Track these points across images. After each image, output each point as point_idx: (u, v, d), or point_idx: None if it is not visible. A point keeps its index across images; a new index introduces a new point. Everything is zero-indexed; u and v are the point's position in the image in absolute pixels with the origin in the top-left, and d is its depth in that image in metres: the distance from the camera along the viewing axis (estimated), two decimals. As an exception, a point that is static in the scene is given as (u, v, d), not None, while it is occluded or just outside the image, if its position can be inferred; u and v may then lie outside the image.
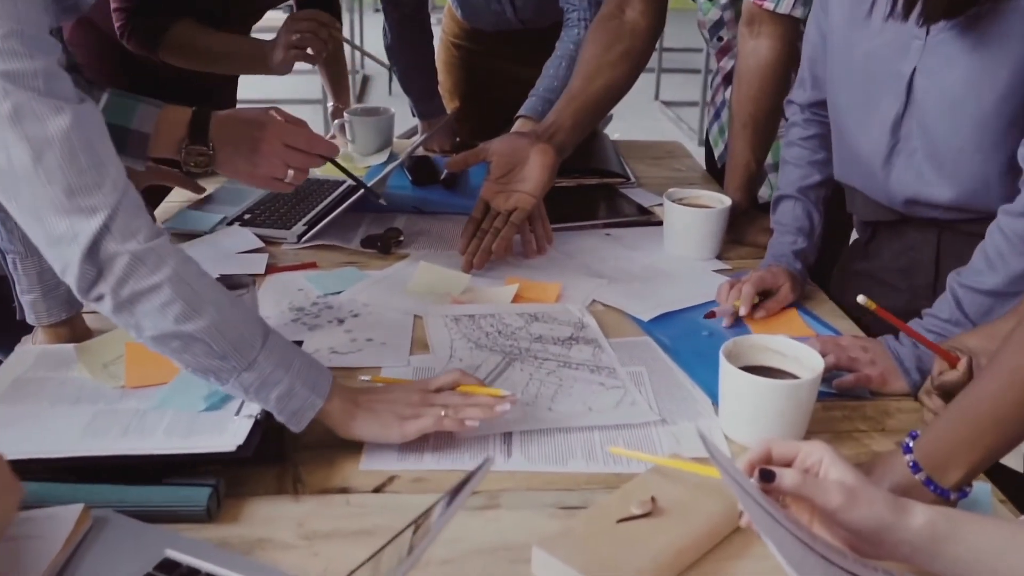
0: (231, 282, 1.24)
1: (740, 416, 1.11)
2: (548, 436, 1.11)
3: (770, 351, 1.16)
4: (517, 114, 1.72)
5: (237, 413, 1.03)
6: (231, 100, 2.21)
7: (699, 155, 2.41)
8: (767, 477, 0.81)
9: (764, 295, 1.42)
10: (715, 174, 2.05)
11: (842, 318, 1.45)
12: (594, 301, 1.47)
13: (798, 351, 1.14)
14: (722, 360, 1.11)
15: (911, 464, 0.95)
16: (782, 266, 1.45)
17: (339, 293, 1.47)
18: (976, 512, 0.92)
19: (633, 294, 1.48)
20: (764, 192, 1.83)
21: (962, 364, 1.10)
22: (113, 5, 1.85)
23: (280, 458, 1.05)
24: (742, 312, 1.40)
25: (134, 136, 1.26)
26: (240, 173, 1.33)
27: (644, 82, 1.99)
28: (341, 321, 1.39)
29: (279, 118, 1.34)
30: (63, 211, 0.91)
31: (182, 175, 1.80)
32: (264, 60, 1.89)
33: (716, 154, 2.01)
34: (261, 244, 1.63)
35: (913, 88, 1.27)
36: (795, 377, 1.13)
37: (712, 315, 1.39)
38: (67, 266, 0.93)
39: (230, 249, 1.60)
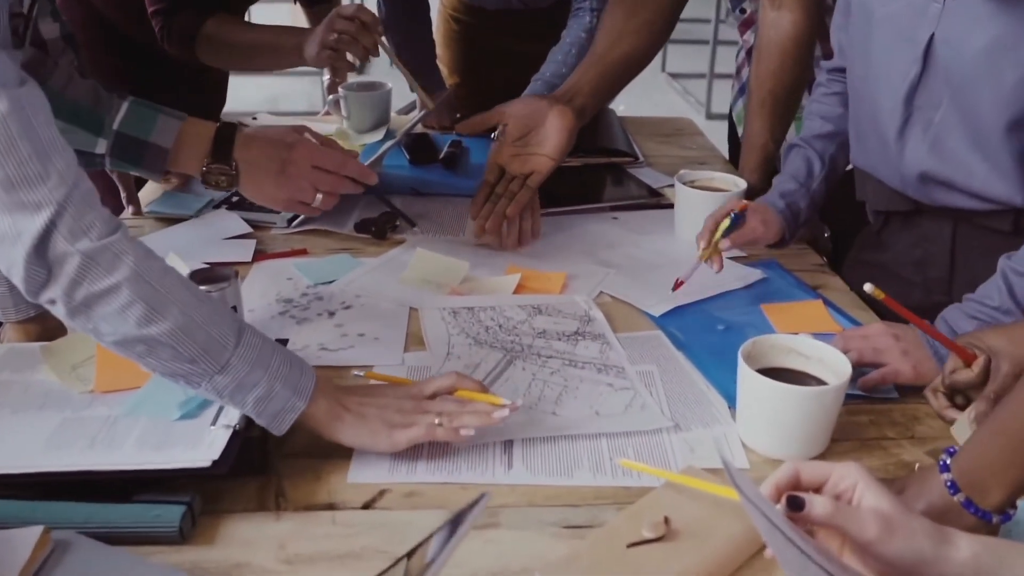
0: (212, 275, 1.16)
1: (760, 423, 1.03)
2: (552, 444, 1.03)
3: (793, 352, 1.07)
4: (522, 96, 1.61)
5: (214, 423, 0.95)
6: (223, 75, 2.11)
7: (708, 130, 2.31)
8: (796, 505, 0.72)
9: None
10: (737, 152, 1.96)
11: (863, 309, 1.36)
12: (601, 292, 1.38)
13: (823, 352, 1.06)
14: (741, 363, 1.02)
15: (949, 484, 0.87)
16: (766, 206, 1.39)
17: (330, 283, 1.39)
18: (1020, 537, 0.84)
19: (643, 285, 1.39)
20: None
21: (978, 364, 1.02)
22: (149, 8, 1.76)
23: (262, 469, 0.97)
24: (698, 251, 1.33)
25: (152, 149, 1.18)
26: (265, 195, 1.24)
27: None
28: (332, 314, 1.30)
29: (309, 138, 1.25)
30: (3, 207, 0.83)
31: None
32: (297, 49, 1.72)
33: (740, 132, 1.91)
34: (249, 229, 1.54)
35: (931, 56, 1.18)
36: (820, 382, 1.04)
37: (679, 285, 1.32)
38: (12, 266, 0.85)
39: (216, 235, 1.52)
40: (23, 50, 1.19)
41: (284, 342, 1.12)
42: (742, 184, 1.54)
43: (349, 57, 1.71)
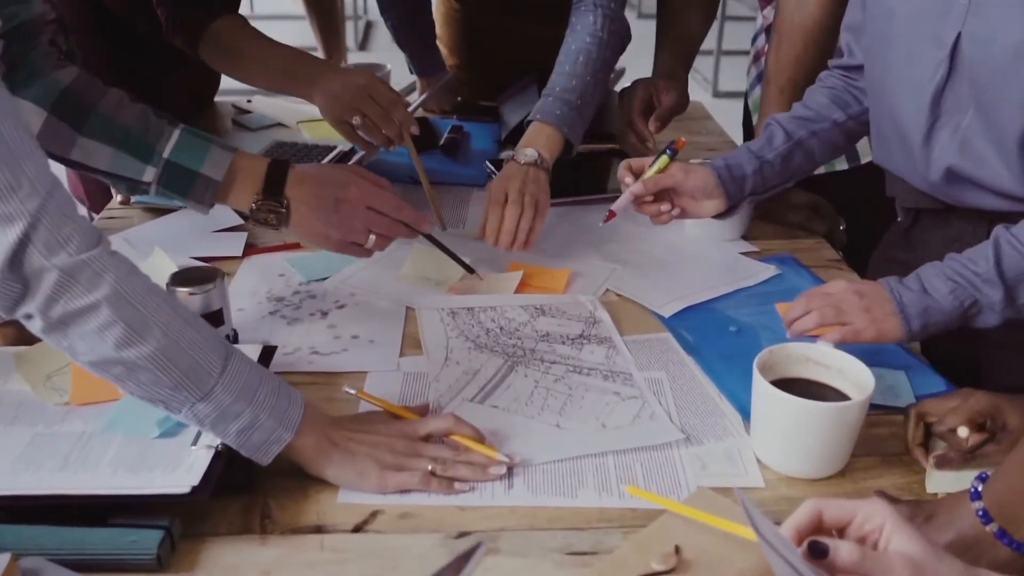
0: (196, 275, 1.10)
1: (776, 440, 0.97)
2: (555, 461, 0.97)
3: (811, 362, 1.01)
4: (529, 117, 1.45)
5: (195, 442, 0.89)
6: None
7: (715, 109, 2.23)
8: (819, 552, 0.67)
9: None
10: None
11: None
12: (607, 290, 1.32)
13: (844, 363, 1.00)
14: (756, 376, 0.96)
15: (980, 513, 0.81)
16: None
17: (324, 280, 1.33)
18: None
19: (651, 283, 1.33)
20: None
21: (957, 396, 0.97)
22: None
23: (247, 488, 0.92)
24: (633, 188, 1.28)
25: (202, 180, 1.12)
26: (316, 235, 1.17)
27: (652, 27, 1.82)
28: (324, 314, 1.24)
29: (363, 179, 1.19)
30: None
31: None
32: (310, 85, 1.50)
33: (755, 120, 1.83)
34: (240, 220, 1.48)
35: (958, 55, 1.10)
36: (840, 394, 0.98)
37: (612, 216, 1.31)
38: None
39: (206, 226, 1.45)
40: (67, 69, 1.14)
41: (272, 350, 1.06)
42: (755, 175, 1.47)
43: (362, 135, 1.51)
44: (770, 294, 1.30)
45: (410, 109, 1.65)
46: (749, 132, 1.92)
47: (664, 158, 1.29)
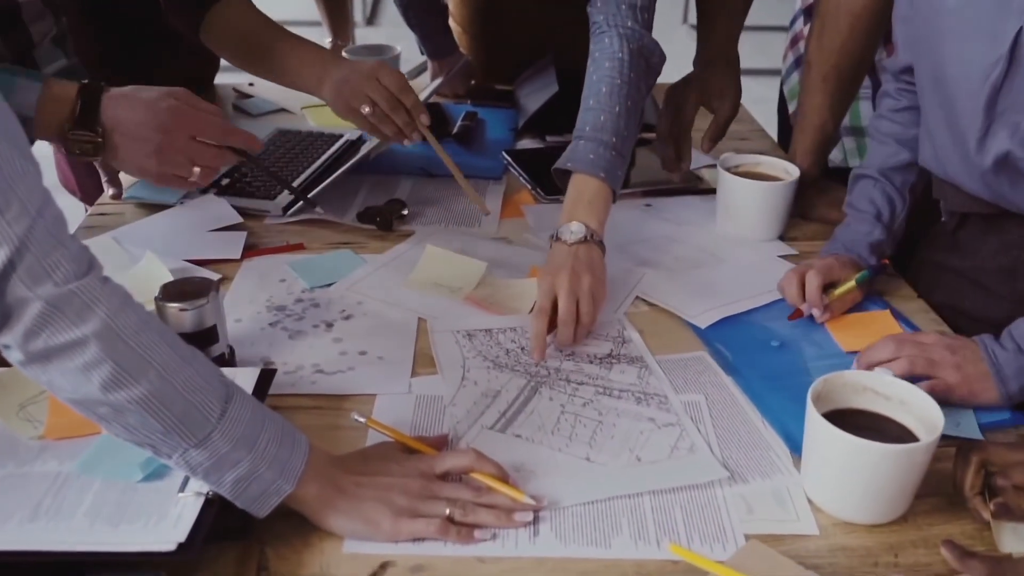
0: (188, 288, 1.00)
1: (831, 480, 0.87)
2: (586, 504, 0.87)
3: (869, 392, 0.91)
4: (558, 164, 1.23)
5: (182, 489, 0.79)
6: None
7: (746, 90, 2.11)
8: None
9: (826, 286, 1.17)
10: (788, 133, 1.77)
11: (936, 322, 1.19)
12: (637, 298, 1.22)
13: (905, 393, 0.89)
14: (810, 409, 0.86)
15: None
16: (852, 258, 1.19)
17: (329, 286, 1.22)
18: None
19: (683, 289, 1.23)
20: (835, 155, 1.56)
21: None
22: None
23: (242, 534, 0.82)
24: (815, 315, 1.15)
25: None
26: (134, 166, 1.09)
27: (670, 2, 1.69)
28: (330, 325, 1.14)
29: (187, 104, 1.10)
30: None
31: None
32: (318, 84, 1.40)
33: (791, 110, 1.72)
34: (239, 219, 1.37)
35: (1019, 52, 0.99)
36: (903, 428, 0.88)
37: (798, 315, 1.16)
38: None
39: (202, 225, 1.35)
40: None
41: (272, 373, 0.96)
42: (794, 172, 1.36)
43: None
44: (813, 304, 1.19)
45: (423, 95, 1.54)
46: (784, 119, 1.80)
47: (864, 276, 1.18)
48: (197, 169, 1.11)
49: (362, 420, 0.93)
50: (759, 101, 2.01)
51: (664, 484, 0.89)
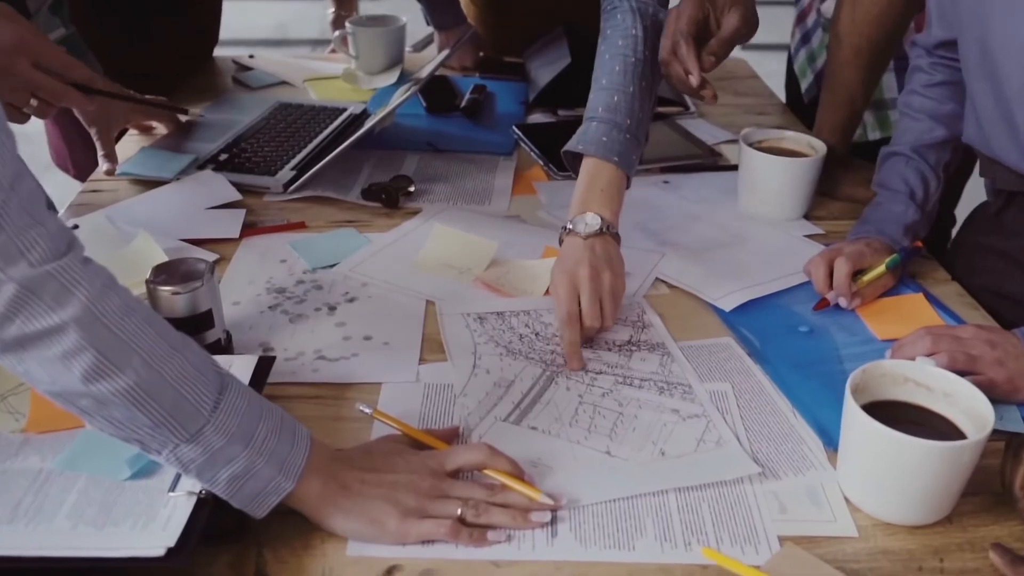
0: (182, 270, 0.93)
1: (870, 479, 0.80)
2: (607, 502, 0.81)
3: (910, 383, 0.85)
4: (567, 147, 1.15)
5: (173, 487, 0.73)
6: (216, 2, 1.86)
7: (755, 64, 2.04)
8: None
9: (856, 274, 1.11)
10: (797, 110, 1.70)
11: (972, 307, 1.13)
12: (657, 280, 1.15)
13: (950, 385, 0.83)
14: (849, 401, 0.80)
15: None
16: (884, 241, 1.13)
17: (332, 267, 1.16)
18: None
19: (705, 269, 1.16)
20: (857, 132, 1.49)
21: None
22: None
23: (237, 535, 0.76)
24: (842, 304, 1.08)
25: None
26: None
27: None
28: (332, 308, 1.08)
29: (27, 30, 1.02)
30: None
31: (167, 111, 1.48)
32: None
33: (803, 87, 1.65)
34: (238, 196, 1.31)
35: None
36: (948, 423, 0.82)
37: (824, 304, 1.09)
38: None
39: (199, 203, 1.29)
40: None
41: (271, 361, 0.90)
42: (820, 148, 1.29)
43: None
44: (842, 287, 1.13)
45: (429, 67, 1.47)
46: (794, 95, 1.73)
47: (896, 260, 1.11)
48: (35, 102, 1.03)
49: (367, 411, 0.88)
50: (768, 76, 1.93)
51: (691, 480, 0.83)
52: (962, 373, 0.88)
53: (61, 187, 1.36)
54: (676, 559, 0.76)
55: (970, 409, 0.81)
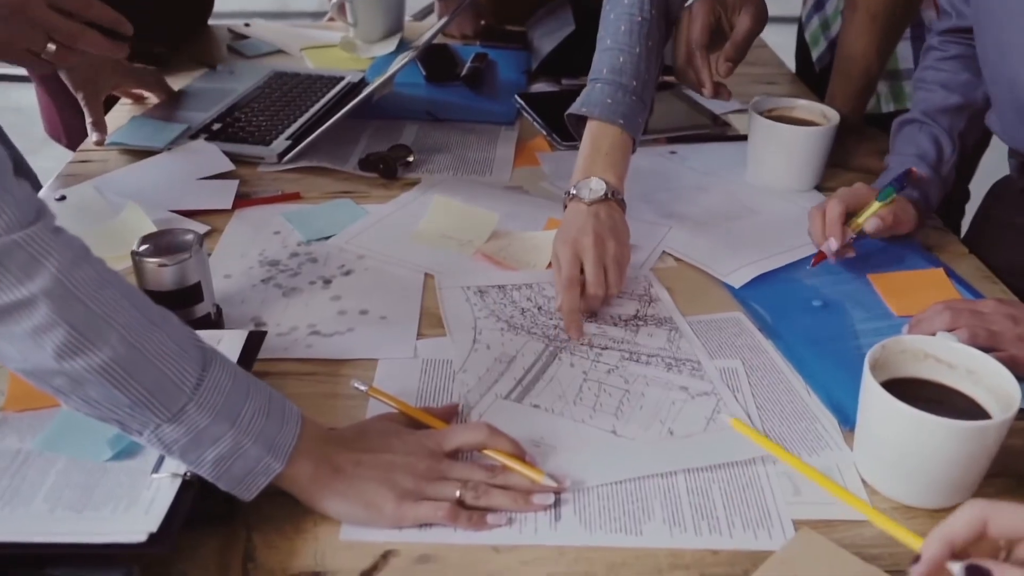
0: (170, 241, 0.89)
1: (889, 460, 0.77)
2: (613, 484, 0.77)
3: (932, 360, 0.81)
4: (571, 109, 1.09)
5: (156, 469, 0.69)
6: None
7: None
8: None
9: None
10: (808, 78, 1.65)
11: (991, 280, 1.09)
12: (664, 253, 1.11)
13: (973, 362, 0.79)
14: (867, 378, 0.76)
15: None
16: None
17: (327, 239, 1.12)
18: None
19: (713, 243, 1.12)
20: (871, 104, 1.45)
21: None
22: None
23: (226, 519, 0.72)
24: (831, 248, 1.03)
25: None
26: None
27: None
28: (327, 282, 1.04)
29: None
30: None
31: (158, 79, 1.43)
32: None
33: (815, 55, 1.60)
34: (231, 166, 1.27)
35: None
36: (968, 400, 0.78)
37: (821, 257, 1.04)
38: None
39: (190, 173, 1.25)
40: None
41: (261, 336, 0.86)
42: (833, 116, 1.25)
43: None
44: (860, 261, 1.07)
45: (428, 35, 1.43)
46: (805, 65, 1.68)
47: (889, 192, 1.05)
48: (52, 46, 0.97)
49: (363, 388, 0.84)
50: (775, 49, 1.88)
51: (700, 461, 0.80)
52: (983, 350, 0.84)
53: (59, 161, 1.32)
54: (686, 544, 0.72)
55: (995, 387, 0.77)
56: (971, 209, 1.34)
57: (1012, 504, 0.57)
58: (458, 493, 0.73)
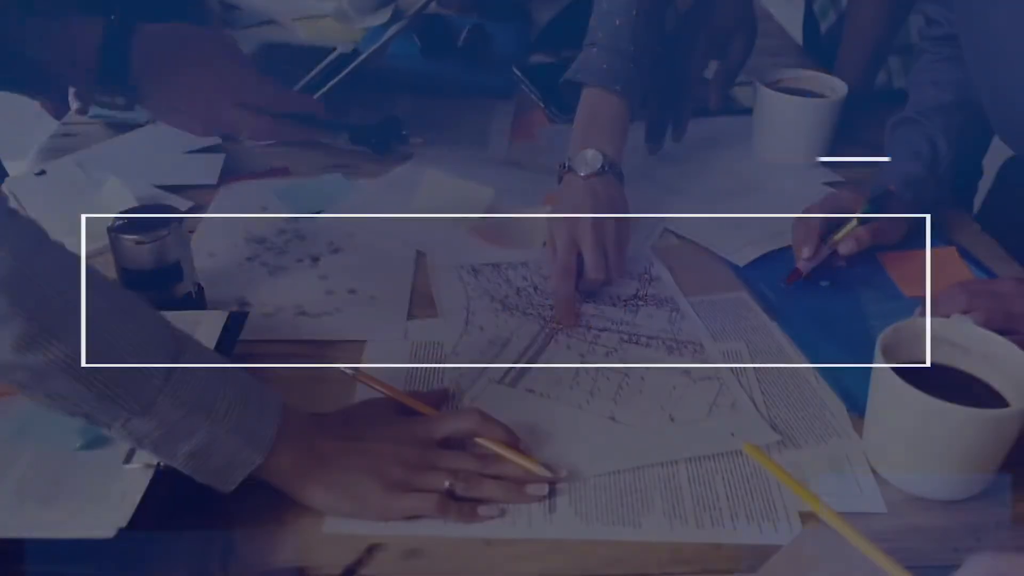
0: (148, 217, 0.85)
1: (901, 449, 0.73)
2: (611, 475, 0.74)
3: (946, 344, 0.77)
4: (567, 76, 1.07)
5: (128, 459, 0.66)
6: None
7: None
8: None
9: None
10: (815, 51, 1.60)
11: (1004, 260, 1.05)
12: (665, 231, 1.07)
13: (989, 346, 0.75)
14: (877, 361, 0.72)
15: None
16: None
17: (316, 215, 1.08)
18: None
19: (719, 221, 1.08)
20: (879, 76, 1.40)
21: None
22: None
23: (202, 512, 0.69)
24: (803, 256, 0.96)
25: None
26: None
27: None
28: (315, 260, 1.00)
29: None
30: None
31: None
32: None
33: (824, 27, 1.55)
34: (218, 139, 1.23)
35: None
36: (984, 385, 0.75)
37: (795, 277, 0.97)
38: None
39: (176, 147, 1.20)
40: None
41: (243, 317, 0.82)
42: (841, 88, 1.20)
43: None
44: (868, 239, 1.04)
45: (422, 4, 1.38)
46: (812, 39, 1.64)
47: (867, 210, 0.98)
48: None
49: (350, 371, 0.80)
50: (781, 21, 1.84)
51: (703, 449, 0.76)
52: (999, 333, 0.80)
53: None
54: (687, 538, 0.69)
55: (1013, 374, 0.73)
56: (984, 187, 1.30)
57: None
58: (448, 484, 0.70)
